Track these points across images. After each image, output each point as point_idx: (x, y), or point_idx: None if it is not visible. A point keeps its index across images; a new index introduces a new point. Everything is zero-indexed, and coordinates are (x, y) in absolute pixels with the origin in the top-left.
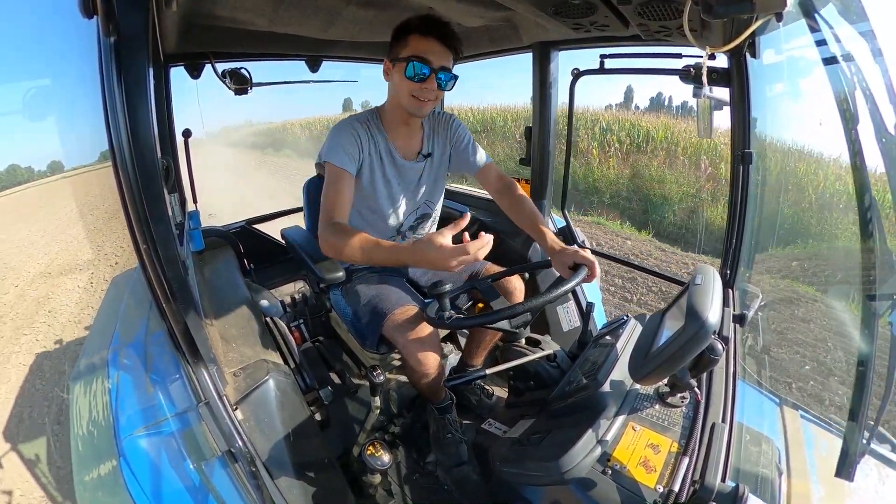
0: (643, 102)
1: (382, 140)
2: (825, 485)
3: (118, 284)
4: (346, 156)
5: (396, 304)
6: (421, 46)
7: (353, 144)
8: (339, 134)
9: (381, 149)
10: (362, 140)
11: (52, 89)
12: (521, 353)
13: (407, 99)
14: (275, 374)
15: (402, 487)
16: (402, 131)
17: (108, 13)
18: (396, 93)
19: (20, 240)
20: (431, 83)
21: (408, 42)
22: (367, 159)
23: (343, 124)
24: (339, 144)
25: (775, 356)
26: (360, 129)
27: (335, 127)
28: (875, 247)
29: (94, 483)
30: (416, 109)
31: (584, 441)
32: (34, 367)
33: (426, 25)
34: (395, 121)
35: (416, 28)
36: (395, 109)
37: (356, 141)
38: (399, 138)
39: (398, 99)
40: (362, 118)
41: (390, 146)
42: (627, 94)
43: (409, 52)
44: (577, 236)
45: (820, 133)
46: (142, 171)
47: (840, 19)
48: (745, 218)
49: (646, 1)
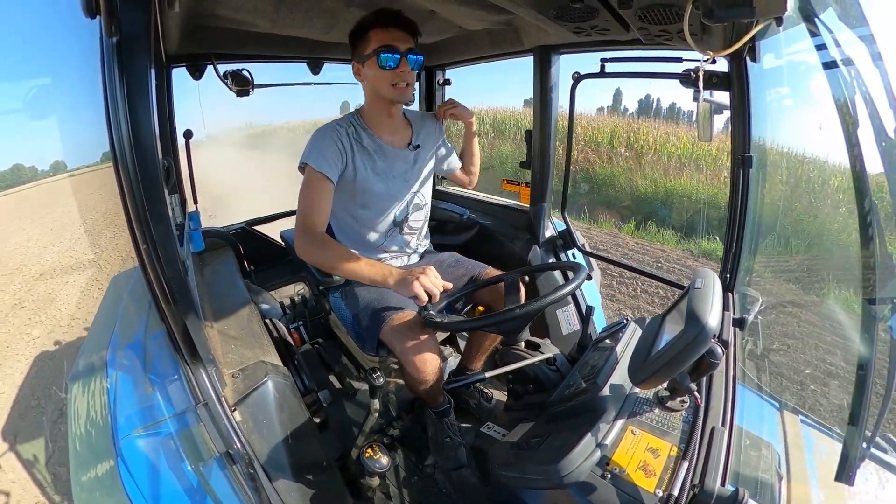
0: (632, 105)
1: (367, 136)
2: (825, 489)
3: (118, 284)
4: (325, 161)
5: (395, 309)
6: (383, 37)
7: (333, 149)
8: (319, 139)
9: (366, 144)
10: (343, 143)
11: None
12: (521, 357)
13: (387, 89)
14: (273, 375)
15: (400, 490)
16: (386, 124)
17: (110, 13)
18: (374, 88)
19: (22, 239)
20: (405, 66)
21: (369, 38)
22: (353, 160)
23: (324, 129)
24: (319, 149)
25: (775, 360)
26: (341, 132)
27: (316, 132)
28: (875, 250)
29: (92, 483)
30: (400, 96)
31: (583, 445)
32: (33, 367)
33: (383, 18)
34: (377, 116)
35: (374, 23)
36: (375, 105)
37: (337, 145)
38: (385, 132)
39: (378, 93)
40: (343, 122)
41: (377, 140)
42: (616, 97)
43: (374, 46)
44: (577, 239)
45: (820, 137)
46: (142, 171)
47: (840, 23)
48: (745, 222)
49: (646, 5)
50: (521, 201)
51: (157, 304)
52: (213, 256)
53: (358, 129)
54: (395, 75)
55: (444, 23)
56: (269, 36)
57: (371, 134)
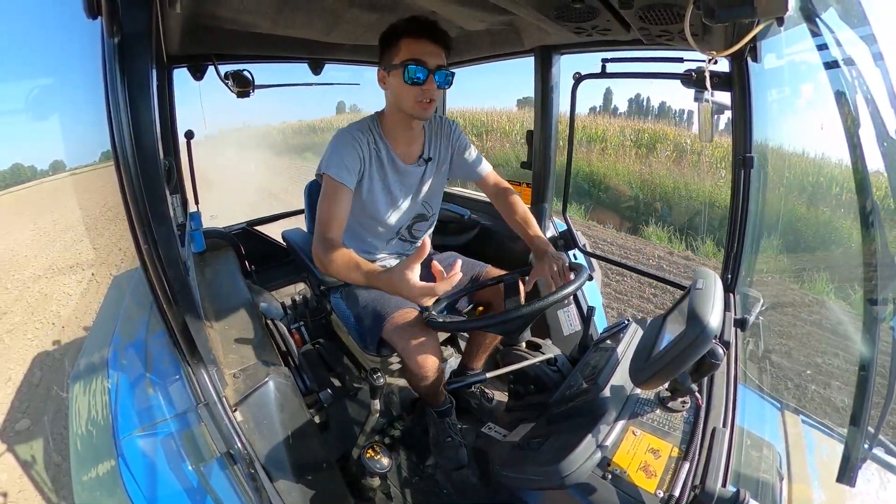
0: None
1: (384, 148)
2: (826, 490)
3: (119, 284)
4: (346, 169)
5: (396, 308)
6: (414, 49)
7: (354, 157)
8: (340, 146)
9: (382, 156)
10: (364, 152)
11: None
12: (522, 357)
13: (411, 104)
14: (274, 375)
15: (401, 491)
16: (403, 137)
17: (112, 14)
18: (397, 99)
19: (23, 239)
20: (431, 84)
21: (400, 47)
22: (369, 170)
23: (344, 135)
24: (340, 157)
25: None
26: (362, 141)
27: (336, 137)
28: (877, 251)
29: (93, 483)
30: (421, 113)
31: (584, 445)
32: (34, 366)
33: (416, 27)
34: (396, 127)
35: (406, 31)
36: (395, 116)
37: (358, 152)
38: (400, 144)
39: (399, 105)
40: (363, 126)
41: (392, 154)
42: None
43: (403, 57)
44: (579, 240)
45: (821, 137)
46: (144, 171)
47: (841, 23)
48: (746, 222)
49: (647, 5)
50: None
51: (158, 304)
52: (214, 256)
53: (377, 139)
54: (420, 91)
55: (445, 23)
56: (270, 37)
57: (388, 145)
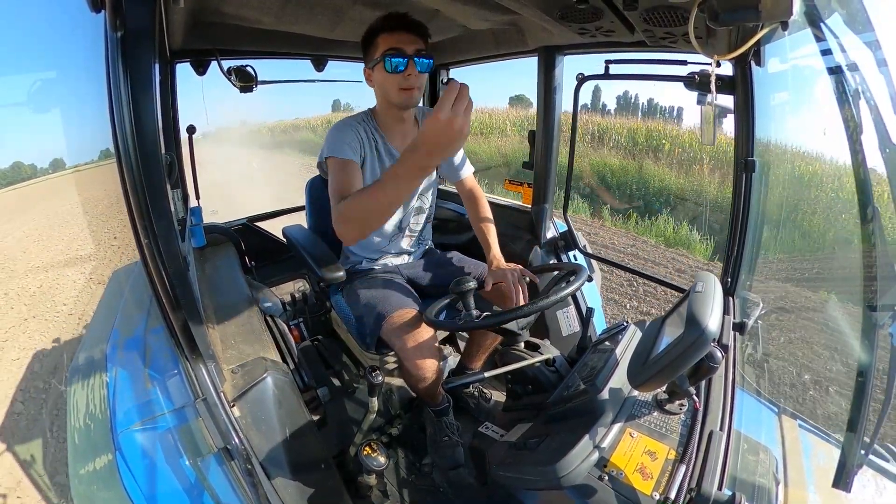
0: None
1: (381, 140)
2: (822, 495)
3: (118, 279)
4: (349, 147)
5: (396, 307)
6: (390, 40)
7: (354, 139)
8: (339, 131)
9: (380, 148)
10: (362, 136)
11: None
12: (520, 357)
13: (395, 93)
14: (273, 372)
15: (397, 489)
16: (397, 129)
17: (115, 8)
18: (384, 92)
19: (23, 235)
20: (412, 69)
21: (378, 43)
22: (370, 159)
23: (341, 124)
24: (341, 140)
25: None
26: (359, 127)
27: (333, 127)
28: (877, 257)
29: (90, 476)
30: (407, 100)
31: (580, 446)
32: (33, 361)
33: (390, 22)
34: (389, 121)
35: (382, 28)
36: (386, 110)
37: (357, 136)
38: (396, 137)
39: (387, 98)
40: (359, 118)
41: (389, 146)
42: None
43: (381, 50)
44: (579, 241)
45: (824, 142)
46: (145, 165)
47: (845, 29)
48: (747, 225)
49: (652, 7)
50: (522, 202)
51: (157, 299)
52: (214, 252)
53: (373, 131)
54: (403, 79)
55: (449, 22)
56: (273, 32)
57: (384, 137)
